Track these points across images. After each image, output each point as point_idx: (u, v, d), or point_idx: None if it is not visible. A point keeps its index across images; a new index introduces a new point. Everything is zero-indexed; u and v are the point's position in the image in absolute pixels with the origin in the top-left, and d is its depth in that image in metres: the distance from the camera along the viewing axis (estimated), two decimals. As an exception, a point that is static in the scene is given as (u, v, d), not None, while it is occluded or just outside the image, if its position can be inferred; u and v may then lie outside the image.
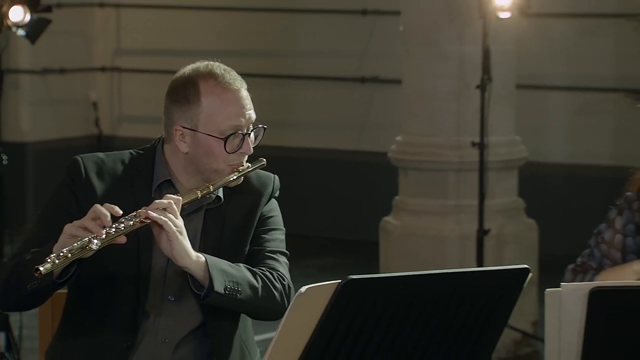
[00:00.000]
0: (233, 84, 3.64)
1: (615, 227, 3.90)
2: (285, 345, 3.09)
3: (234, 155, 3.61)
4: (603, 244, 3.91)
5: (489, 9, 6.86)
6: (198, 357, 3.70)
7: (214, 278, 3.49)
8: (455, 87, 7.24)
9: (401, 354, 3.24)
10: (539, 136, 9.12)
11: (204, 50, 10.57)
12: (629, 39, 9.27)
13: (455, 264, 6.93)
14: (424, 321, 3.23)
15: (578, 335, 3.33)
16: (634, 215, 3.89)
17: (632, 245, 3.88)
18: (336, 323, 3.10)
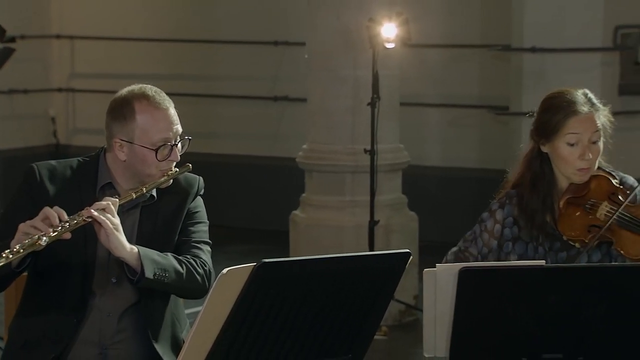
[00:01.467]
0: (162, 103, 3.66)
1: (496, 218, 3.88)
2: (211, 318, 3.07)
3: (164, 162, 3.64)
4: (485, 233, 3.88)
5: (377, 41, 6.90)
6: (137, 327, 3.71)
7: (145, 266, 3.52)
8: (351, 104, 7.25)
9: (306, 325, 3.23)
10: (418, 144, 9.16)
11: (144, 74, 10.55)
12: (489, 65, 9.34)
13: (351, 249, 6.94)
14: (325, 297, 3.23)
15: (450, 306, 3.35)
16: (513, 209, 3.87)
17: (509, 235, 3.87)
18: (252, 298, 3.08)
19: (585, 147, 3.76)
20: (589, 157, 3.76)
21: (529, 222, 3.83)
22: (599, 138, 3.79)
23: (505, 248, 3.86)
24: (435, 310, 3.39)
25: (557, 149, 3.80)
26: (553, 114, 3.80)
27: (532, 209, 3.83)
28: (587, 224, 3.76)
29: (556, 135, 3.78)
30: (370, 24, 6.92)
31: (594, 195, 3.78)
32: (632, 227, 3.71)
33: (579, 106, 3.77)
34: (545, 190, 3.84)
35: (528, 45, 8.66)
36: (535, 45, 8.62)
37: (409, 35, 7.04)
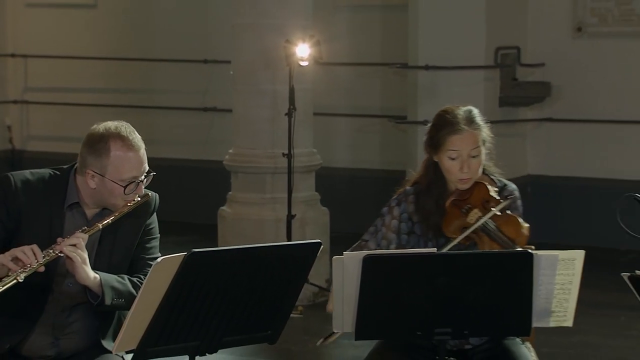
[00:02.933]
0: (135, 145, 3.60)
1: (394, 213, 3.88)
2: (147, 301, 3.06)
3: (130, 195, 3.58)
4: (384, 227, 3.87)
5: (293, 59, 6.90)
6: (87, 321, 3.67)
7: (105, 294, 3.49)
8: (270, 114, 7.24)
9: (231, 306, 3.23)
10: (329, 149, 9.18)
11: (89, 88, 10.49)
12: (390, 80, 9.39)
13: (272, 240, 6.92)
14: (248, 281, 3.23)
15: (355, 288, 3.37)
16: (408, 205, 3.88)
17: (405, 229, 3.88)
18: (183, 283, 3.08)
19: (464, 161, 3.75)
20: (467, 170, 3.76)
21: (423, 221, 3.84)
22: (479, 153, 3.77)
23: (402, 240, 3.87)
24: (343, 292, 3.40)
25: (442, 161, 3.80)
26: (438, 130, 3.79)
27: (427, 210, 3.83)
28: (461, 225, 3.77)
29: (440, 149, 3.78)
30: (287, 44, 6.92)
31: (472, 201, 3.78)
32: (490, 233, 3.73)
33: (460, 125, 3.75)
34: (437, 193, 3.84)
35: (422, 63, 8.73)
36: (428, 64, 8.69)
37: (320, 54, 7.06)
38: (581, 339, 6.24)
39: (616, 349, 6.14)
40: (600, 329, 6.51)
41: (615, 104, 8.81)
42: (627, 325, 6.49)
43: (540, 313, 3.46)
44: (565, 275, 3.45)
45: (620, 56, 8.78)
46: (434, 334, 3.45)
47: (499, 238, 3.70)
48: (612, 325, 6.57)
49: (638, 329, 6.32)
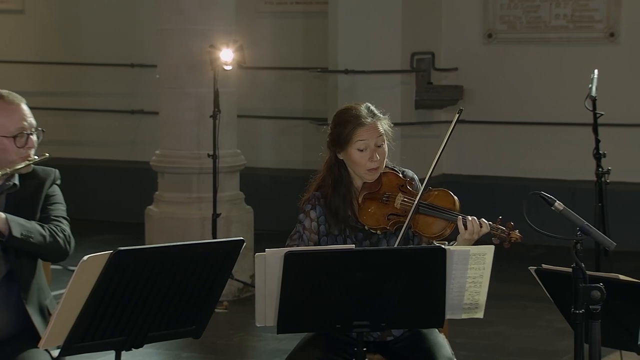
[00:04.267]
0: (15, 100, 3.73)
1: (311, 217, 3.88)
2: (74, 297, 3.02)
3: (23, 150, 3.65)
4: (306, 231, 3.88)
5: (217, 64, 6.88)
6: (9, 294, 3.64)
7: (12, 227, 3.52)
8: (195, 116, 7.20)
9: (157, 301, 3.20)
10: (253, 150, 9.17)
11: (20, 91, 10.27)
12: (311, 84, 9.41)
13: (198, 238, 6.89)
14: (173, 277, 3.20)
15: (277, 284, 3.36)
16: (322, 208, 3.89)
17: (324, 230, 3.89)
18: (110, 280, 3.04)
19: (372, 150, 3.82)
20: (377, 159, 3.83)
21: (334, 218, 3.87)
22: (384, 142, 3.86)
23: (322, 242, 3.88)
24: (265, 288, 3.39)
25: (351, 155, 3.84)
26: (343, 127, 3.84)
27: (335, 206, 3.86)
28: (386, 213, 3.81)
29: (348, 144, 3.83)
30: (211, 49, 6.90)
31: (387, 189, 3.84)
32: (426, 211, 3.78)
33: (363, 118, 3.83)
34: (344, 190, 3.88)
35: (342, 68, 8.76)
36: (348, 68, 8.73)
37: (244, 59, 7.04)
38: (493, 330, 6.32)
39: (526, 339, 6.22)
40: (511, 320, 6.59)
41: (524, 107, 8.93)
42: (536, 317, 6.58)
43: (452, 305, 3.49)
44: (476, 269, 3.48)
45: (528, 61, 8.91)
46: (352, 327, 3.46)
47: (438, 212, 3.75)
48: (521, 317, 6.66)
49: (546, 319, 6.41)
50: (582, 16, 8.78)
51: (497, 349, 6.02)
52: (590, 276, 2.94)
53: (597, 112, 4.17)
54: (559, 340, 5.98)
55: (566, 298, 2.98)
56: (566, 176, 8.61)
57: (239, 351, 6.15)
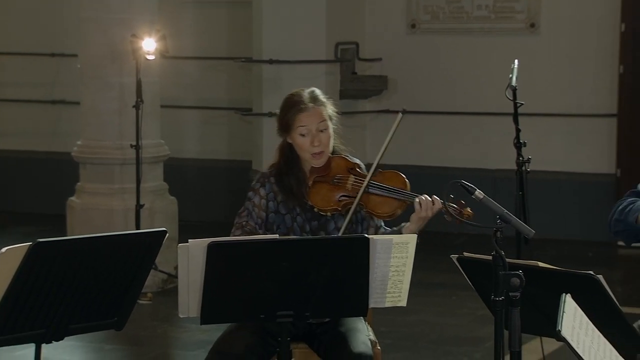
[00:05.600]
0: None
1: (260, 194, 3.92)
2: (-8, 291, 2.97)
3: None
4: (255, 207, 3.91)
5: (139, 53, 6.82)
6: None
7: None
8: (118, 106, 7.13)
9: (78, 293, 3.17)
10: (177, 140, 9.11)
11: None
12: (236, 74, 9.38)
13: (121, 229, 6.81)
14: (94, 269, 3.17)
15: (201, 274, 3.35)
16: (272, 186, 3.93)
17: (272, 207, 3.92)
18: (29, 272, 3.00)
19: (314, 135, 3.86)
20: (319, 144, 3.86)
21: (288, 195, 3.90)
22: (327, 127, 3.89)
23: (270, 219, 3.92)
24: (188, 278, 3.38)
25: (295, 140, 3.91)
26: (286, 112, 3.91)
27: (289, 185, 3.91)
28: (338, 194, 3.86)
29: (291, 129, 3.90)
30: (133, 39, 6.84)
31: (337, 172, 3.89)
32: (377, 191, 3.82)
33: (304, 104, 3.88)
34: (296, 171, 3.93)
35: (266, 57, 8.75)
36: (272, 58, 8.71)
37: (167, 48, 7.00)
38: (416, 318, 6.38)
39: (449, 327, 6.30)
40: (434, 308, 6.66)
41: (446, 97, 9.02)
42: (458, 305, 6.66)
43: (376, 294, 3.52)
44: (399, 258, 3.51)
45: (451, 51, 9.00)
46: (276, 317, 3.46)
47: (389, 192, 3.80)
48: (444, 305, 6.74)
49: (469, 307, 6.49)
50: (503, 7, 8.89)
51: (421, 337, 6.08)
52: (510, 264, 2.98)
53: (517, 101, 4.22)
54: (481, 327, 6.06)
55: (487, 285, 3.02)
56: (488, 165, 8.72)
57: (163, 343, 6.11)
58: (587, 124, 8.67)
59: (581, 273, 3.05)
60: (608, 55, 8.54)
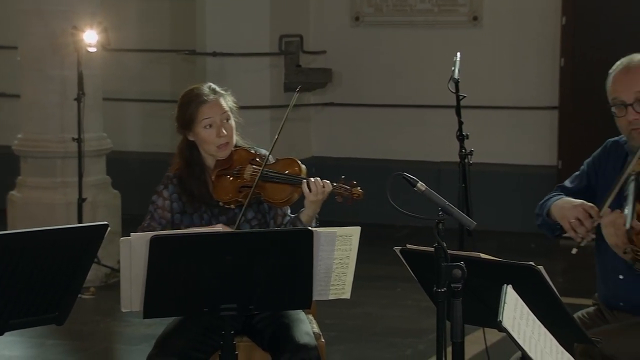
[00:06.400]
0: None
1: (164, 195, 3.93)
2: None
3: None
4: (158, 209, 3.92)
5: (81, 45, 6.77)
6: None
7: None
8: (59, 99, 7.07)
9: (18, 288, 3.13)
10: (120, 133, 9.04)
11: None
12: (179, 66, 9.33)
13: (64, 223, 6.75)
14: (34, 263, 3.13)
15: (143, 268, 3.33)
16: (175, 188, 3.93)
17: (177, 208, 3.93)
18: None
19: (219, 126, 3.88)
20: (225, 134, 3.88)
21: (190, 197, 3.91)
22: (229, 117, 3.92)
23: (176, 219, 3.92)
24: (131, 272, 3.37)
25: (199, 134, 3.90)
26: (187, 107, 3.91)
27: (190, 187, 3.91)
28: (238, 186, 3.89)
29: (194, 123, 3.89)
30: (74, 31, 6.78)
31: (238, 163, 3.93)
32: (272, 178, 3.85)
33: (206, 96, 3.89)
34: (198, 170, 3.93)
35: (210, 50, 8.71)
36: (216, 51, 8.68)
37: (109, 41, 6.95)
38: (361, 310, 6.40)
39: (393, 319, 6.33)
40: (379, 300, 6.69)
41: (391, 89, 9.05)
42: (403, 296, 6.70)
43: (320, 287, 3.52)
44: (343, 251, 3.52)
45: (394, 44, 9.03)
46: (220, 310, 3.45)
47: (285, 179, 3.84)
48: (389, 297, 6.77)
49: (413, 298, 6.53)
50: (446, 0, 8.94)
51: (365, 329, 6.10)
52: (453, 255, 3.00)
53: (459, 94, 4.24)
54: (425, 319, 6.10)
55: (429, 277, 3.04)
56: (432, 158, 8.78)
57: (106, 337, 6.07)
58: (528, 117, 8.75)
59: (522, 264, 3.08)
60: (549, 48, 8.63)
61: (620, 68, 3.65)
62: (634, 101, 3.58)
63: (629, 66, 3.63)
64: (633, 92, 3.58)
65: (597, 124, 5.84)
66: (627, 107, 3.58)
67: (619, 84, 3.62)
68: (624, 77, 3.61)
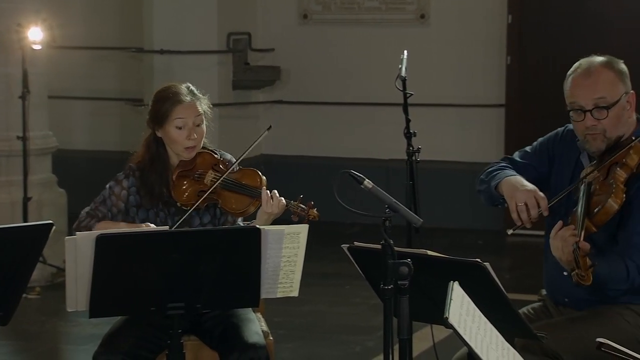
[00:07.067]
0: None
1: (123, 185, 3.91)
2: None
3: None
4: (113, 196, 3.90)
5: (25, 43, 6.70)
6: None
7: None
8: (4, 97, 6.98)
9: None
10: (67, 131, 8.96)
11: None
12: (127, 64, 9.26)
13: (8, 223, 6.60)
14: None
15: (89, 267, 3.31)
16: (136, 180, 3.91)
17: (134, 201, 3.91)
18: None
19: (190, 129, 3.86)
20: (195, 137, 3.87)
21: (149, 194, 3.89)
22: (202, 121, 3.90)
23: (131, 213, 3.90)
24: (76, 271, 3.35)
25: (168, 133, 3.89)
26: (162, 104, 3.89)
27: (151, 183, 3.90)
28: (197, 190, 3.87)
29: (166, 121, 3.87)
30: (19, 28, 6.71)
31: (201, 167, 3.91)
32: (232, 187, 3.85)
33: (183, 96, 3.88)
34: (161, 167, 3.92)
35: (157, 48, 8.66)
36: (163, 48, 8.63)
37: (54, 38, 6.89)
38: (310, 308, 6.40)
39: (342, 316, 6.34)
40: (328, 298, 6.70)
41: (339, 87, 9.06)
42: (352, 294, 6.71)
43: (268, 285, 3.52)
44: (291, 249, 3.52)
45: (342, 42, 9.04)
46: (167, 309, 3.44)
47: (243, 189, 3.83)
48: (338, 294, 6.78)
49: (362, 296, 6.54)
50: (394, -2, 8.97)
51: (314, 327, 6.11)
52: (400, 252, 3.01)
53: (407, 92, 4.26)
54: (375, 316, 6.11)
55: (377, 275, 3.05)
56: (381, 155, 8.80)
57: (53, 337, 6.02)
58: (476, 114, 8.82)
59: (468, 261, 3.10)
60: (496, 46, 8.70)
61: (580, 72, 3.57)
62: (593, 107, 3.51)
63: (590, 70, 3.55)
64: (592, 98, 3.51)
65: (543, 121, 5.89)
66: (586, 112, 3.52)
67: (578, 89, 3.54)
68: (583, 82, 3.54)
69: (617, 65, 3.60)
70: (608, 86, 3.54)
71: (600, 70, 3.55)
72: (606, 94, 3.53)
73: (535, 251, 3.85)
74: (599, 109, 3.52)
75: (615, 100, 3.53)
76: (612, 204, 3.39)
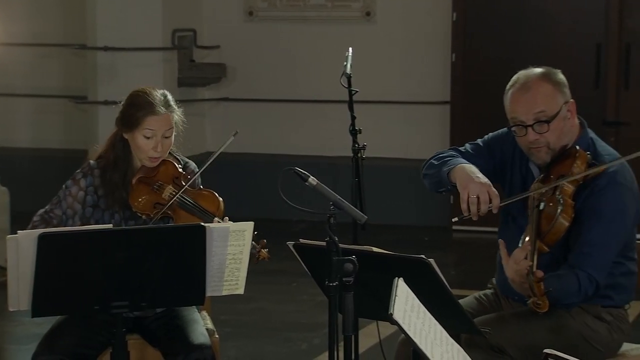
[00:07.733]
0: None
1: (80, 185, 3.84)
2: None
3: None
4: (69, 197, 3.83)
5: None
6: None
7: None
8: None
9: None
10: (9, 129, 8.87)
11: None
12: (70, 61, 9.18)
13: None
14: None
15: (31, 265, 3.29)
16: (94, 179, 3.86)
17: (90, 201, 3.84)
18: None
19: (158, 141, 3.80)
20: (160, 149, 3.81)
21: (109, 194, 3.83)
22: (172, 134, 3.84)
23: (87, 213, 3.84)
24: (18, 270, 3.32)
25: (136, 139, 3.81)
26: (136, 110, 3.80)
27: (113, 184, 3.83)
28: (154, 201, 3.81)
29: (136, 128, 3.80)
30: (-40, 24, 6.60)
31: (161, 178, 3.84)
32: (188, 207, 3.80)
33: (157, 107, 3.80)
34: (124, 169, 3.85)
35: (101, 44, 8.59)
36: (107, 45, 8.56)
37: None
38: (256, 305, 6.40)
39: (289, 313, 6.34)
40: (274, 295, 6.70)
41: (285, 84, 9.06)
42: (298, 291, 6.71)
43: (213, 282, 3.51)
44: (236, 246, 3.52)
45: (288, 39, 9.04)
46: (111, 307, 3.42)
47: (198, 211, 3.78)
48: (285, 292, 6.78)
49: (309, 293, 6.55)
50: (340, -5, 8.99)
51: (261, 324, 6.10)
52: (345, 249, 3.02)
53: (352, 89, 4.26)
54: (321, 313, 6.11)
55: (323, 271, 3.05)
56: (327, 152, 8.81)
57: (-6, 338, 5.94)
58: (421, 111, 8.86)
59: (413, 257, 3.11)
60: (440, 43, 8.75)
61: (518, 86, 3.55)
62: (534, 122, 3.50)
63: (527, 85, 3.53)
64: (532, 113, 3.50)
65: (488, 118, 5.94)
66: (527, 127, 3.51)
67: (517, 104, 3.53)
68: (521, 97, 3.52)
69: (555, 76, 3.58)
70: (547, 99, 3.52)
71: (538, 83, 3.53)
72: (545, 107, 3.51)
73: (480, 247, 3.88)
74: (540, 123, 3.50)
75: (555, 113, 3.52)
76: (562, 222, 3.38)
